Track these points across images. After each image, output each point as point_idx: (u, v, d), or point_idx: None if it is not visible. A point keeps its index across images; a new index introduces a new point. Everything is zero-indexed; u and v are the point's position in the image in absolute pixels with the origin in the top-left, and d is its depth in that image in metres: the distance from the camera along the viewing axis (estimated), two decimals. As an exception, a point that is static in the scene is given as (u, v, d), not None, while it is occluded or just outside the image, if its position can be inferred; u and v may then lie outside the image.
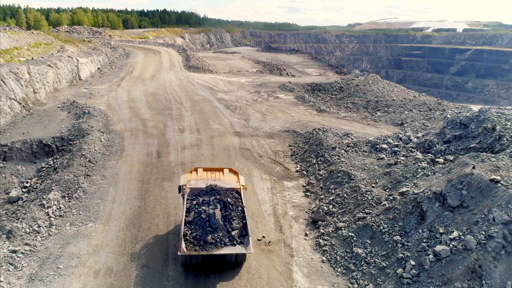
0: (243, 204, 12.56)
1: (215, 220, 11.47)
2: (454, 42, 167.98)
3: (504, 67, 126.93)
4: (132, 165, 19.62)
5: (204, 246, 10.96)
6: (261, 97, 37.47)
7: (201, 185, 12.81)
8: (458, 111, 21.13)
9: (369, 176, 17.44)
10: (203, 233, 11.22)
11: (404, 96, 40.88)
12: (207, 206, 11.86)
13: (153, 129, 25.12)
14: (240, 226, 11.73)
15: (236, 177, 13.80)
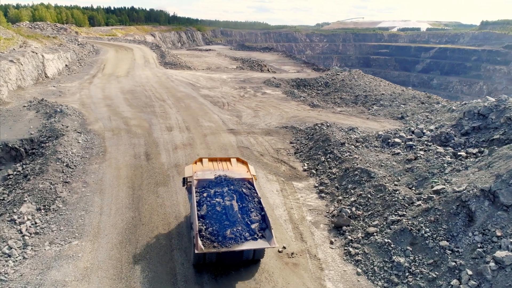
0: (258, 195, 11.38)
1: (233, 213, 10.29)
2: (419, 41, 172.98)
3: (466, 64, 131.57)
4: (119, 169, 17.01)
5: (223, 242, 9.73)
6: (248, 93, 35.38)
7: (209, 176, 11.59)
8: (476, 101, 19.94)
9: (389, 173, 15.84)
10: (221, 228, 10.01)
11: (393, 90, 40.09)
12: (221, 197, 10.72)
13: (137, 128, 22.46)
14: (259, 218, 10.59)
15: (246, 167, 12.61)
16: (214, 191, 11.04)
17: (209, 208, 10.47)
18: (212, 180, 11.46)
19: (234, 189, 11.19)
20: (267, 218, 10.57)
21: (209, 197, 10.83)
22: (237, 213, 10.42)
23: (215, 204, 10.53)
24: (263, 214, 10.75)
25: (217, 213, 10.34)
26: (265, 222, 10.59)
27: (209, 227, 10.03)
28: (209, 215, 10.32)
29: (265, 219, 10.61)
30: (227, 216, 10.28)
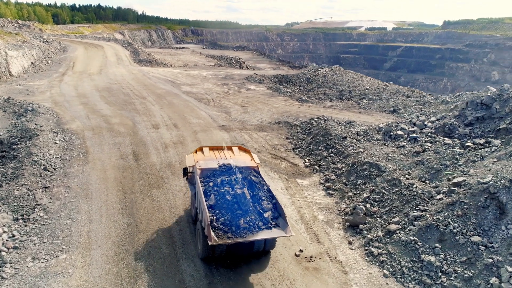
0: (266, 183, 10.92)
1: (246, 201, 9.77)
2: (386, 40, 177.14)
3: (431, 62, 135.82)
4: (105, 171, 15.28)
5: (237, 232, 9.15)
6: (232, 89, 34.04)
7: (212, 165, 11.08)
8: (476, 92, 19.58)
9: (398, 166, 15.10)
10: (233, 217, 9.44)
11: (376, 85, 40.02)
12: (230, 186, 10.17)
13: (120, 126, 20.64)
14: (271, 207, 10.11)
15: (249, 155, 12.24)
16: (221, 180, 10.43)
17: (217, 198, 9.88)
18: (216, 169, 10.90)
19: (242, 177, 10.64)
20: (280, 206, 10.06)
21: (216, 186, 10.24)
22: (249, 202, 9.87)
23: (224, 193, 9.95)
24: (274, 202, 10.24)
25: (227, 202, 9.76)
26: (277, 210, 10.09)
27: (220, 217, 9.43)
28: (219, 205, 9.74)
29: (277, 207, 10.13)
30: (239, 205, 9.72)
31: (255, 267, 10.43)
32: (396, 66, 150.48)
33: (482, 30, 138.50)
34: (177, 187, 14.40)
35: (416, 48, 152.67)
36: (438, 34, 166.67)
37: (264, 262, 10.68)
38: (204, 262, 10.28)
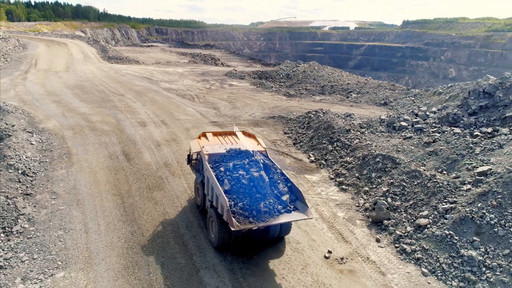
0: (278, 166, 10.64)
1: (264, 184, 9.42)
2: (349, 39, 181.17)
3: (393, 60, 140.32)
4: (94, 173, 13.55)
5: (258, 216, 8.80)
6: (214, 85, 32.60)
7: (219, 150, 10.75)
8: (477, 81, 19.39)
9: (410, 158, 14.50)
10: (253, 201, 9.06)
11: (356, 80, 40.07)
12: (243, 170, 9.78)
13: (103, 124, 18.75)
14: (287, 190, 9.85)
15: (254, 140, 11.94)
16: (232, 164, 10.03)
17: (232, 183, 9.47)
18: (225, 154, 10.54)
19: (255, 160, 10.26)
20: (297, 188, 9.80)
21: (228, 171, 9.85)
22: (268, 185, 9.56)
23: (238, 178, 9.54)
24: (289, 185, 9.98)
25: (244, 186, 9.36)
26: (293, 193, 9.81)
27: (239, 202, 9.04)
28: (235, 189, 9.34)
29: (293, 190, 9.86)
30: (257, 189, 9.33)
31: (287, 274, 9.30)
32: (360, 64, 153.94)
33: (438, 29, 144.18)
34: (179, 188, 12.97)
35: (379, 47, 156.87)
36: (399, 33, 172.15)
37: (294, 266, 9.58)
38: (218, 251, 9.77)
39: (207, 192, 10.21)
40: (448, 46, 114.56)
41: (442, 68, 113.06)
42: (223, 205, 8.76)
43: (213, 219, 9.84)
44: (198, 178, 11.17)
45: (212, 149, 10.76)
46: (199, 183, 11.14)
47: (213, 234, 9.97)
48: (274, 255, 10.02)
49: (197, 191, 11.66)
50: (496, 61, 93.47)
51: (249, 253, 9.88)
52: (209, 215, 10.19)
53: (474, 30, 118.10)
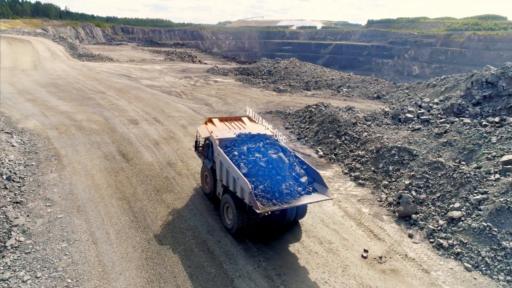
0: (291, 150, 10.57)
1: (284, 166, 9.36)
2: (317, 38, 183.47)
3: (360, 59, 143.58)
4: (92, 176, 12.11)
5: (281, 198, 8.68)
6: (198, 82, 31.29)
7: (229, 134, 10.62)
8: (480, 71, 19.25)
9: (423, 149, 14.10)
10: (274, 183, 8.93)
11: (339, 75, 40.02)
12: (259, 152, 9.68)
13: (90, 123, 17.13)
14: (304, 172, 9.75)
15: (262, 125, 11.67)
16: (247, 147, 9.90)
17: (249, 166, 9.29)
18: (235, 139, 10.39)
19: (270, 142, 10.29)
20: (313, 170, 9.73)
21: (242, 154, 9.69)
22: (287, 166, 9.47)
23: (255, 161, 9.38)
24: (305, 167, 9.89)
25: (262, 169, 9.20)
26: (309, 175, 9.70)
27: (259, 185, 8.85)
28: (253, 172, 9.13)
29: (309, 172, 9.78)
30: (276, 171, 9.19)
31: (329, 278, 8.47)
32: (329, 63, 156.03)
33: (401, 28, 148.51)
34: (189, 188, 11.84)
35: (346, 46, 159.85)
36: (364, 33, 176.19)
37: (334, 269, 8.76)
38: (235, 237, 9.50)
39: (220, 178, 9.91)
40: (411, 45, 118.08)
41: (406, 66, 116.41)
42: (244, 188, 8.51)
43: (229, 204, 9.61)
44: (208, 165, 10.88)
45: (222, 134, 10.59)
46: (208, 169, 10.90)
47: (229, 220, 9.75)
48: (309, 257, 9.16)
49: (205, 178, 11.48)
50: (456, 58, 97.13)
51: (277, 251, 8.97)
52: (224, 201, 9.94)
53: (435, 29, 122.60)
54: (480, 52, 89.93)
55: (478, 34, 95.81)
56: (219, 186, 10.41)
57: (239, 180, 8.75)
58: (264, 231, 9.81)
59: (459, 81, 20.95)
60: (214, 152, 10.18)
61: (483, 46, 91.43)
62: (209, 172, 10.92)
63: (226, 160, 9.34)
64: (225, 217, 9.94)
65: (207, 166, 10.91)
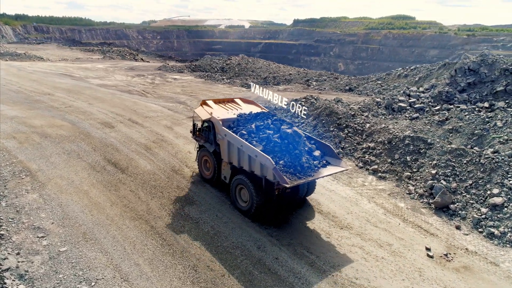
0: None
1: (300, 140, 9.36)
2: (246, 37, 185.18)
3: (289, 57, 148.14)
4: (85, 193, 9.71)
5: (303, 171, 8.65)
6: (156, 80, 28.63)
7: (229, 115, 10.43)
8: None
9: (431, 137, 13.93)
10: (293, 158, 8.88)
11: (296, 71, 39.91)
12: (269, 129, 9.63)
13: (54, 129, 14.19)
14: (315, 146, 9.86)
15: (255, 105, 11.89)
16: (255, 125, 9.73)
17: (263, 143, 9.09)
18: (238, 119, 10.21)
19: (278, 119, 10.30)
20: (323, 143, 9.95)
21: (252, 133, 9.51)
22: (303, 140, 9.49)
23: (268, 137, 9.24)
24: (313, 142, 9.99)
25: (278, 144, 9.08)
26: (319, 149, 9.78)
27: (279, 160, 8.68)
28: (268, 149, 8.92)
29: (318, 145, 9.88)
30: (293, 145, 9.11)
31: (413, 287, 7.48)
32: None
33: (325, 27, 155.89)
34: (213, 198, 10.10)
35: (275, 44, 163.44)
36: (291, 32, 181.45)
37: (410, 274, 7.83)
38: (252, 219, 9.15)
39: (229, 159, 9.58)
40: (335, 43, 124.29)
41: (332, 63, 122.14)
42: (265, 165, 8.23)
43: (244, 185, 9.28)
44: (210, 148, 10.44)
45: (223, 115, 10.34)
46: (210, 154, 10.51)
47: (243, 203, 9.45)
48: (379, 264, 8.10)
49: (204, 164, 11.00)
50: (375, 55, 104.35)
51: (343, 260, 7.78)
52: (236, 182, 9.53)
53: (355, 28, 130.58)
54: (395, 49, 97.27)
55: (392, 33, 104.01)
56: (225, 169, 10.03)
57: (257, 158, 8.45)
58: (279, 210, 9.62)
59: (432, 71, 21.61)
60: (219, 134, 9.77)
61: (398, 44, 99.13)
62: (211, 156, 10.51)
63: (237, 139, 9.04)
64: (239, 199, 9.57)
65: (209, 149, 10.48)
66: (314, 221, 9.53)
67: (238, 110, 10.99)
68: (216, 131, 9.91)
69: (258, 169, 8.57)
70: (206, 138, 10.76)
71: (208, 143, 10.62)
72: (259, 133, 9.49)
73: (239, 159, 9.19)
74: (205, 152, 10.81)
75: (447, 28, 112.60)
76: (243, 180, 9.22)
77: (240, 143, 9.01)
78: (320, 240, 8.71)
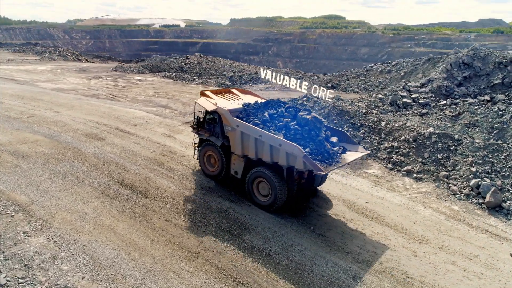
0: None
1: (321, 126, 9.00)
2: (183, 37, 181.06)
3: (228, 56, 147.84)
4: (111, 230, 7.49)
5: (331, 158, 8.37)
6: (120, 82, 25.57)
7: (235, 106, 9.83)
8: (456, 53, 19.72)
9: (452, 132, 13.61)
10: (318, 145, 8.52)
11: (259, 69, 38.73)
12: (284, 117, 9.20)
13: (30, 145, 11.32)
14: (329, 133, 9.60)
15: (253, 95, 11.47)
16: (268, 114, 9.24)
17: (282, 131, 8.61)
18: (245, 109, 9.66)
19: (292, 106, 9.99)
20: (337, 130, 9.82)
21: (267, 122, 8.96)
22: (324, 125, 9.19)
23: (286, 125, 8.79)
24: (325, 130, 9.57)
25: (299, 132, 8.62)
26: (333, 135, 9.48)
27: (305, 148, 8.24)
28: (289, 137, 8.40)
29: (332, 132, 9.60)
30: (315, 132, 8.72)
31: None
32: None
33: (262, 27, 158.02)
34: (270, 221, 8.45)
35: (213, 44, 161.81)
36: (229, 31, 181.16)
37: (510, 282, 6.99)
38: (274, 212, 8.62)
39: (242, 152, 8.92)
40: (273, 42, 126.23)
41: (271, 61, 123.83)
42: (294, 153, 7.73)
43: (264, 178, 8.67)
44: (217, 142, 9.66)
45: (228, 105, 9.70)
46: (216, 148, 9.70)
47: (263, 197, 8.84)
48: (480, 282, 7.14)
49: (207, 160, 10.14)
50: (312, 53, 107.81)
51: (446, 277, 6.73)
52: (254, 176, 8.88)
53: (291, 28, 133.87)
54: (330, 47, 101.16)
55: (326, 32, 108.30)
56: (236, 164, 9.34)
57: (282, 147, 7.91)
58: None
59: (416, 66, 21.72)
60: (228, 125, 9.07)
61: (332, 42, 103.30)
62: (217, 151, 9.74)
63: (253, 129, 8.45)
64: (257, 194, 8.94)
65: (216, 143, 9.67)
66: (389, 237, 8.34)
67: (239, 100, 10.41)
68: (224, 122, 9.18)
69: (283, 159, 8.00)
70: (211, 132, 9.92)
71: (213, 137, 9.82)
72: (274, 122, 8.95)
73: (256, 151, 8.59)
74: (209, 146, 9.99)
75: (375, 27, 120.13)
76: (263, 172, 8.64)
77: (258, 132, 8.41)
78: (412, 260, 7.52)
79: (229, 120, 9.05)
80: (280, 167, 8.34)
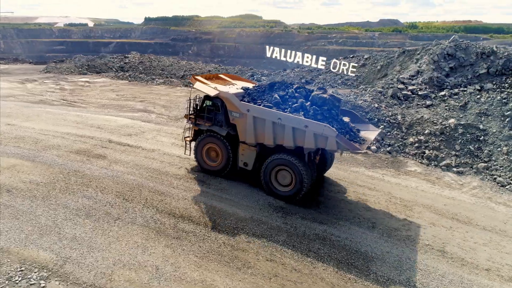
0: None
1: (340, 104, 8.92)
2: (93, 36, 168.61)
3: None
4: (204, 282, 5.28)
5: (356, 137, 8.17)
6: (65, 86, 21.43)
7: (235, 90, 9.15)
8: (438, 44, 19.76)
9: (467, 122, 13.57)
10: (341, 124, 8.28)
11: (213, 67, 36.76)
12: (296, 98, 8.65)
13: (13, 173, 8.13)
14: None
15: (244, 80, 11.10)
16: (278, 95, 8.59)
17: (300, 112, 8.11)
18: (249, 93, 9.04)
19: (300, 86, 9.53)
20: (346, 110, 9.77)
21: (279, 104, 8.35)
22: (341, 104, 9.15)
23: (302, 105, 8.24)
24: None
25: (319, 112, 8.12)
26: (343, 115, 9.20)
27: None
28: (310, 118, 7.84)
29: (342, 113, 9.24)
30: (335, 111, 8.40)
31: None
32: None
33: (179, 26, 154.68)
34: (386, 243, 6.93)
35: (128, 44, 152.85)
36: (144, 30, 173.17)
37: None
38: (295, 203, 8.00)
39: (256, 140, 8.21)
40: (193, 41, 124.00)
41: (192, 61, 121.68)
42: (324, 134, 7.31)
43: (286, 165, 8.02)
44: (221, 132, 8.83)
45: (229, 89, 9.07)
46: (219, 139, 8.87)
47: (284, 187, 8.18)
48: None
49: (205, 154, 9.21)
50: (232, 52, 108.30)
51: None
52: (272, 165, 8.17)
53: (209, 27, 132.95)
54: (250, 46, 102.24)
55: (245, 31, 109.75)
56: (245, 154, 8.50)
57: (309, 128, 7.42)
58: None
59: (391, 59, 21.87)
60: (235, 111, 8.29)
61: (251, 41, 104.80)
62: (221, 143, 8.86)
63: (271, 112, 7.83)
64: (277, 185, 8.24)
65: (221, 133, 8.82)
66: (503, 244, 7.42)
67: (234, 85, 9.79)
68: (230, 108, 8.36)
69: (311, 142, 7.52)
70: (212, 121, 8.93)
71: (216, 126, 8.92)
72: (287, 103, 8.37)
73: (275, 136, 7.97)
74: (209, 138, 9.01)
75: (290, 27, 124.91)
76: (285, 159, 7.97)
77: (276, 115, 7.82)
78: None
79: (236, 105, 8.22)
80: (302, 152, 7.75)
